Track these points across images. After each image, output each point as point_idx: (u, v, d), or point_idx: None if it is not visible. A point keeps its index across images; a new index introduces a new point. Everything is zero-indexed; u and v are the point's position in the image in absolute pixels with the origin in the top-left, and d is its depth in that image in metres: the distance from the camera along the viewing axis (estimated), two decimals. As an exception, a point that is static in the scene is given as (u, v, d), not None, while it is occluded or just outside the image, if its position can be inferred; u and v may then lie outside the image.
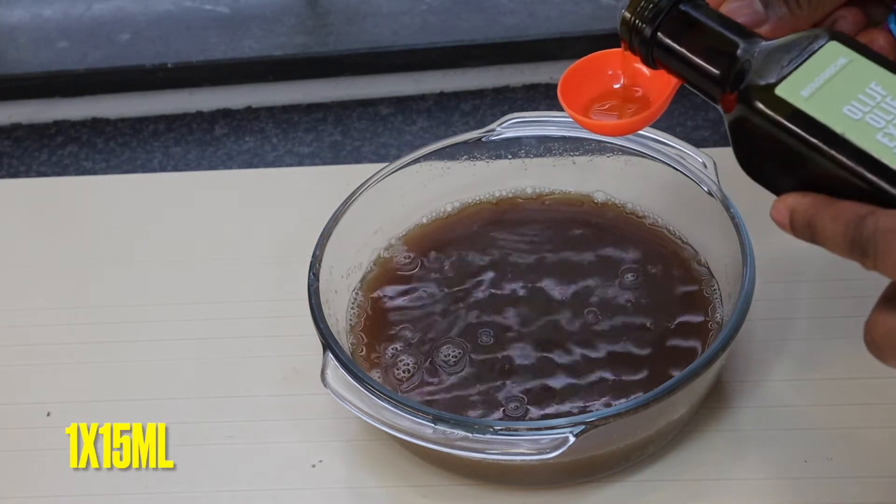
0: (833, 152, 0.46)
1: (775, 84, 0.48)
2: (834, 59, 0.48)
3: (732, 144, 0.51)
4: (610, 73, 0.57)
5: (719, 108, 0.52)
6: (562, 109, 0.58)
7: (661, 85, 0.56)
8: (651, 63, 0.54)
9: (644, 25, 0.53)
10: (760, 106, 0.48)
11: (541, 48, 1.68)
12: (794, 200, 0.48)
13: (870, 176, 0.46)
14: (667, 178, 0.70)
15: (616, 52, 0.57)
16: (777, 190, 0.50)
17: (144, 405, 0.68)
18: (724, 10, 0.53)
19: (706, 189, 0.68)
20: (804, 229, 0.48)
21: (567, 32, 1.68)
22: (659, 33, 0.52)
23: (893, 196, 0.45)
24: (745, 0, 0.53)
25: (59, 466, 0.66)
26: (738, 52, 0.50)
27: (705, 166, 0.68)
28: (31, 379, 0.71)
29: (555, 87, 0.58)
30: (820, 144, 0.47)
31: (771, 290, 0.68)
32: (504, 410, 0.61)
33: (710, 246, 0.68)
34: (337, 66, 1.66)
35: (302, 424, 0.66)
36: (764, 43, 0.51)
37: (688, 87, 0.54)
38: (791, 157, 0.48)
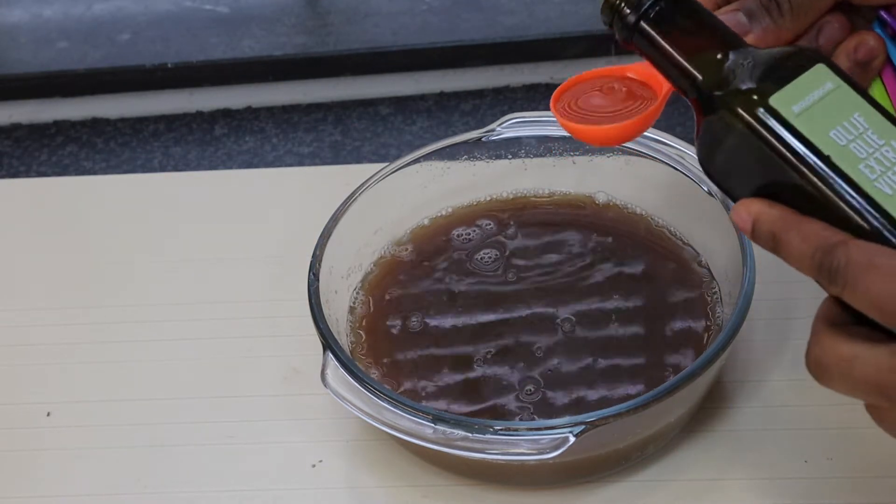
0: (818, 171, 0.47)
1: (768, 94, 0.48)
2: (822, 81, 0.49)
3: (701, 141, 0.50)
4: (602, 87, 0.57)
5: (690, 102, 0.51)
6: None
7: (654, 92, 0.55)
8: (628, 46, 0.53)
9: (629, 11, 0.52)
10: (751, 113, 0.48)
11: (541, 48, 1.68)
12: (760, 209, 0.48)
13: (850, 202, 0.46)
14: (667, 178, 0.70)
15: (609, 70, 0.57)
16: (736, 192, 0.50)
17: (144, 405, 0.68)
18: None
19: (706, 189, 0.68)
20: (768, 240, 0.48)
21: (567, 32, 1.68)
22: (642, 22, 0.52)
23: (867, 227, 0.46)
24: (728, 13, 0.53)
25: (59, 466, 0.66)
26: (727, 54, 0.50)
27: (705, 166, 0.68)
28: (31, 379, 0.71)
29: (555, 86, 0.58)
30: (807, 161, 0.47)
31: (771, 290, 0.68)
32: (532, 408, 0.62)
33: (710, 246, 0.68)
34: (337, 66, 1.67)
35: (302, 424, 0.66)
36: (752, 50, 0.51)
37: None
38: (770, 167, 0.48)
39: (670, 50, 0.52)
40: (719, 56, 0.50)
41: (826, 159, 0.47)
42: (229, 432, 0.66)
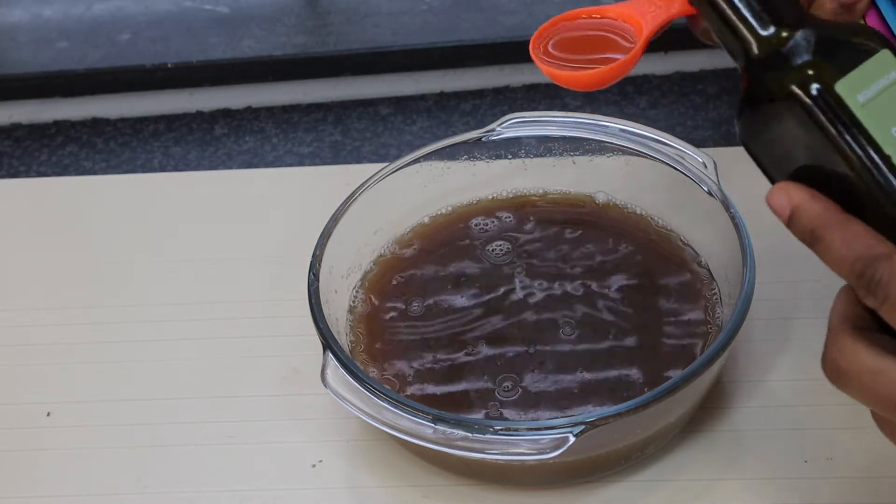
0: (876, 171, 0.43)
1: (834, 78, 0.44)
2: (886, 70, 0.45)
3: (747, 114, 0.47)
4: (582, 29, 0.55)
5: (739, 69, 0.48)
6: (563, 109, 0.58)
7: (635, 34, 0.53)
8: None
9: None
10: (812, 97, 0.44)
11: (541, 48, 1.68)
12: (802, 199, 0.45)
13: None
14: (667, 178, 0.70)
15: (589, 10, 0.55)
16: (776, 173, 0.47)
17: (144, 405, 0.68)
18: None
19: (706, 189, 0.68)
20: (805, 234, 0.45)
21: (567, 32, 1.68)
22: None
23: None
24: None
25: (59, 466, 0.66)
26: (789, 25, 0.47)
27: (705, 166, 0.68)
28: (31, 379, 0.71)
29: (555, 87, 0.58)
30: (865, 158, 0.44)
31: (771, 290, 0.68)
32: (499, 404, 0.62)
33: (710, 246, 0.68)
34: (337, 66, 1.66)
35: (302, 424, 0.66)
36: (812, 23, 0.47)
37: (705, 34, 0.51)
38: (822, 157, 0.45)
39: (727, 10, 0.48)
40: (782, 30, 0.47)
41: (887, 159, 0.43)
42: (229, 432, 0.66)
